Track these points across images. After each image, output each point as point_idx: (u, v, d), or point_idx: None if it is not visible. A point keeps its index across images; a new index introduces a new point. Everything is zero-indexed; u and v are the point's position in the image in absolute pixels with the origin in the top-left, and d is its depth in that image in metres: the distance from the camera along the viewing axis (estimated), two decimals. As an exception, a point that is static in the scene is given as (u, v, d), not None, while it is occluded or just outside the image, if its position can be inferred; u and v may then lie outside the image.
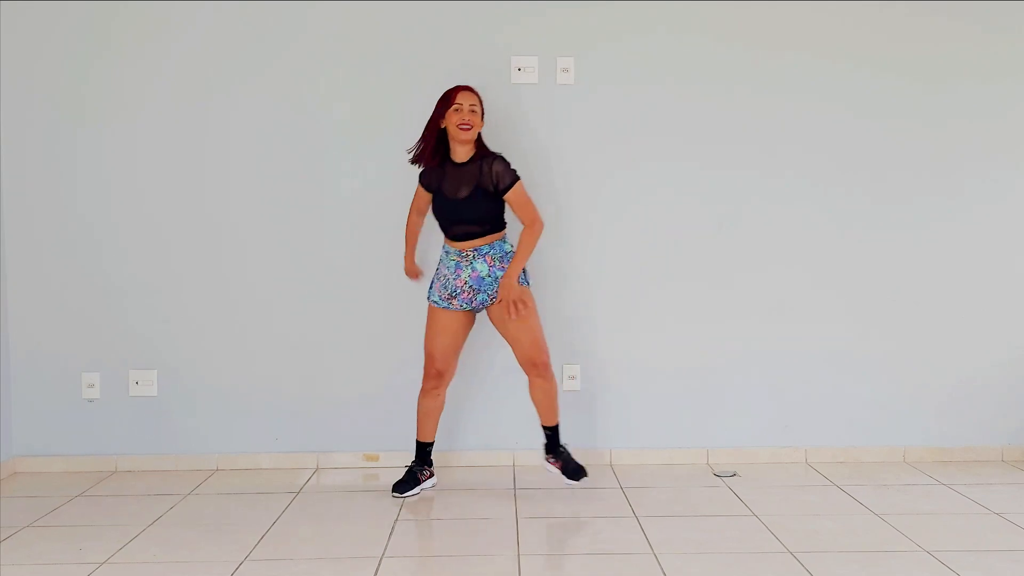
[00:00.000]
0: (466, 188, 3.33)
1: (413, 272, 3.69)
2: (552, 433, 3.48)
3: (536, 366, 3.39)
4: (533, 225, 3.36)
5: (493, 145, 3.51)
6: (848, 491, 3.49)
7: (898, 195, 3.89)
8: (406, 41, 3.79)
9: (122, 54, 3.77)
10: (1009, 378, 3.93)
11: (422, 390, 3.48)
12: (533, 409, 3.74)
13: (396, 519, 3.20)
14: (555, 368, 3.85)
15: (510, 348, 3.44)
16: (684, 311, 3.88)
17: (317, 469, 3.85)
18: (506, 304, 3.30)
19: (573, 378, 3.88)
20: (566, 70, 3.81)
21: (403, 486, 3.45)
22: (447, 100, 3.35)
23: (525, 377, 3.44)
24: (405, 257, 3.67)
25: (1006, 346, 3.93)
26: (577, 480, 3.42)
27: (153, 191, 3.81)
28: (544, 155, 3.82)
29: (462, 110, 3.32)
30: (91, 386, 3.83)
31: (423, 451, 3.53)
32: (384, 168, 3.77)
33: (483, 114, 3.40)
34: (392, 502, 3.38)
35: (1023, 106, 3.89)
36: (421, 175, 3.48)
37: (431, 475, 3.55)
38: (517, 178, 3.35)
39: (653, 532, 3.02)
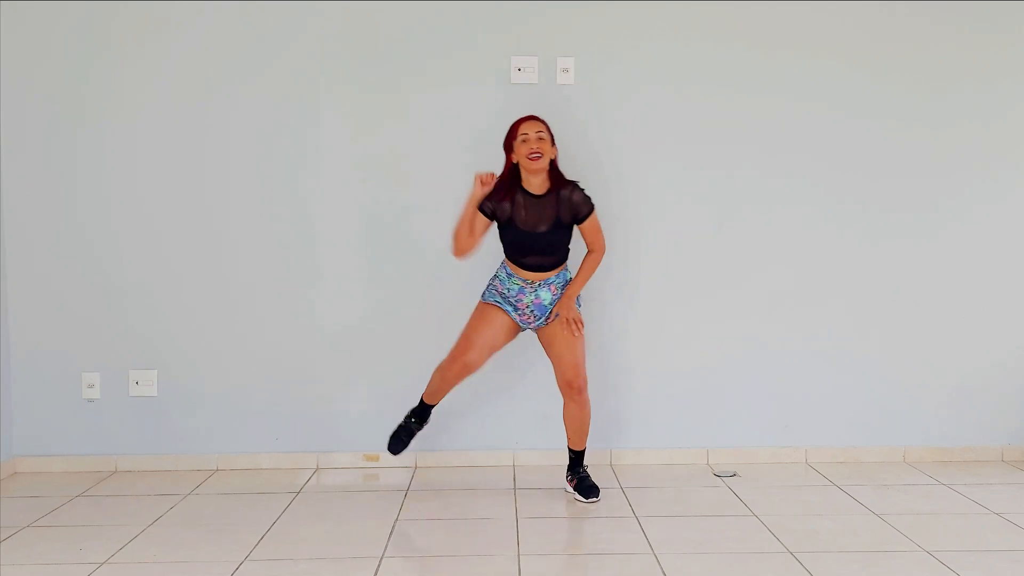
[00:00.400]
0: (545, 223, 3.27)
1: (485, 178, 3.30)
2: (575, 457, 3.47)
3: (572, 388, 3.34)
4: (600, 251, 3.35)
5: (492, 145, 3.51)
6: (848, 491, 3.49)
7: (898, 195, 3.89)
8: (406, 41, 3.79)
9: (122, 54, 3.77)
10: (1009, 378, 3.94)
11: (443, 368, 3.33)
12: (533, 409, 3.75)
13: (396, 519, 3.20)
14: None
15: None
16: (684, 311, 3.88)
17: (317, 469, 3.85)
18: (566, 322, 3.27)
19: (573, 378, 3.88)
20: (566, 70, 3.81)
21: (398, 443, 3.41)
22: (513, 133, 3.28)
23: (525, 375, 3.44)
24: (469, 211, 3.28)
25: (1006, 346, 3.94)
26: (587, 498, 3.38)
27: (153, 191, 3.81)
28: (544, 155, 3.82)
29: (529, 140, 3.24)
30: (91, 386, 3.83)
31: (426, 410, 3.46)
32: (385, 168, 3.77)
33: (553, 140, 3.32)
34: (392, 502, 3.38)
35: (1023, 107, 3.89)
36: (485, 202, 3.28)
37: (425, 427, 3.49)
38: (593, 207, 3.31)
39: (653, 532, 3.02)
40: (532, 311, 3.33)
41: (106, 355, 3.83)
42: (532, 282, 3.32)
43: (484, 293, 3.40)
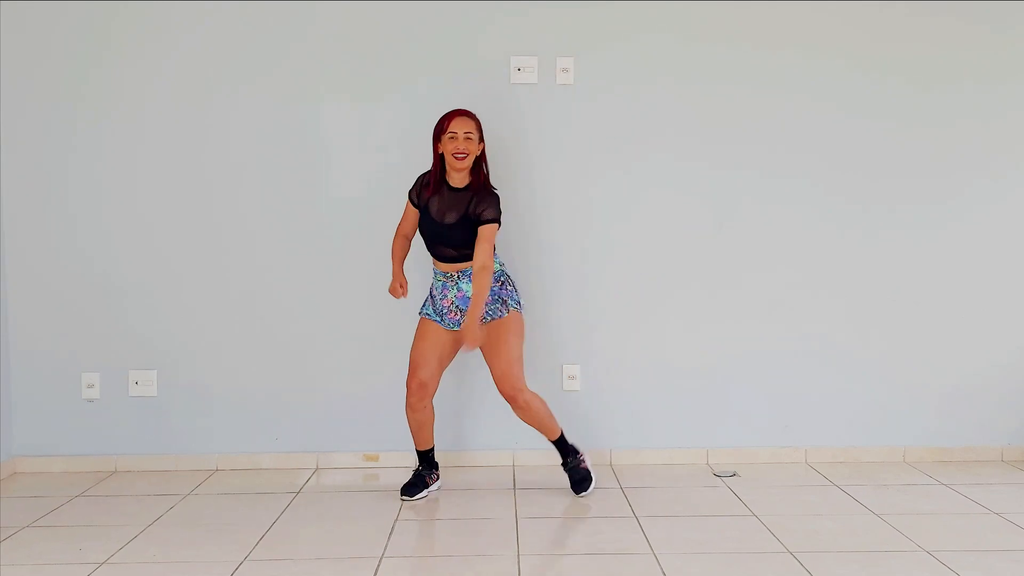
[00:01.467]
0: (453, 214, 3.30)
1: (397, 289, 3.48)
2: (557, 446, 3.48)
3: (505, 396, 3.35)
4: (486, 267, 3.25)
5: (493, 145, 3.52)
6: (848, 491, 3.49)
7: (898, 195, 3.89)
8: (406, 41, 3.79)
9: (121, 55, 3.77)
10: (1009, 378, 3.93)
11: (408, 405, 3.40)
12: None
13: (396, 519, 3.20)
14: (554, 368, 3.87)
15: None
16: (684, 311, 3.88)
17: (317, 469, 3.85)
18: (467, 347, 3.24)
19: (573, 378, 3.88)
20: (566, 70, 3.80)
21: (412, 489, 3.44)
22: (443, 127, 3.30)
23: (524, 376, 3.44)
24: (393, 274, 3.50)
25: (1006, 346, 3.93)
26: (577, 493, 3.41)
27: (152, 192, 3.81)
28: (544, 155, 3.82)
29: (457, 139, 3.26)
30: (91, 386, 3.83)
31: (426, 457, 3.52)
32: (384, 168, 3.77)
33: (481, 138, 3.34)
34: (392, 502, 3.38)
35: (1023, 107, 3.89)
36: (410, 190, 3.43)
37: (438, 478, 3.55)
38: (498, 221, 3.30)
39: (653, 532, 3.02)
40: (458, 305, 3.34)
41: (106, 355, 3.83)
42: (451, 274, 3.35)
43: (423, 304, 3.47)
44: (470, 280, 3.32)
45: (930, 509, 3.28)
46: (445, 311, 3.37)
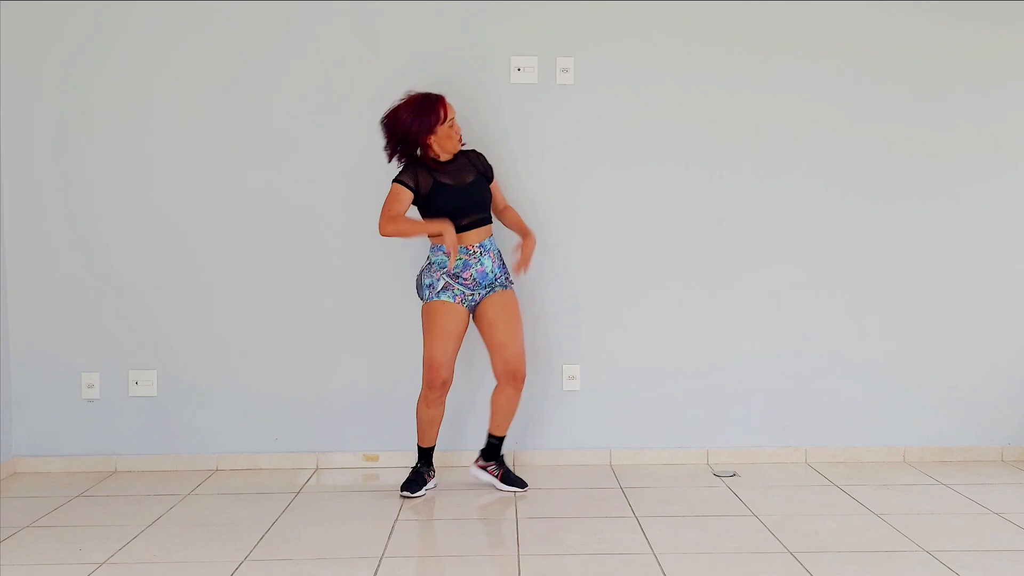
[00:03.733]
0: (468, 175, 3.38)
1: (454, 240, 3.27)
2: (497, 443, 3.51)
3: (516, 377, 3.38)
4: (510, 207, 3.57)
5: (493, 144, 3.52)
6: (848, 491, 3.49)
7: (897, 195, 3.89)
8: (406, 41, 3.79)
9: (127, 57, 3.76)
10: (1009, 378, 3.93)
11: (424, 400, 3.40)
12: (533, 409, 3.74)
13: (396, 519, 3.20)
14: (555, 368, 3.87)
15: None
16: (684, 311, 3.88)
17: (317, 469, 3.85)
18: (526, 260, 3.41)
19: (573, 378, 3.88)
20: (566, 70, 3.80)
21: (412, 485, 3.44)
22: (441, 117, 3.28)
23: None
24: (441, 232, 3.25)
25: (1005, 346, 3.93)
26: (522, 488, 3.45)
27: (153, 192, 3.81)
28: (544, 155, 3.82)
29: (454, 124, 3.35)
30: (91, 386, 3.83)
31: (428, 455, 3.53)
32: (385, 168, 3.76)
33: None
34: (392, 502, 3.38)
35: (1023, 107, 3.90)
36: (403, 178, 3.33)
37: (434, 476, 3.56)
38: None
39: (653, 532, 3.02)
40: (476, 279, 3.36)
41: (106, 355, 3.83)
42: (472, 251, 3.36)
43: (421, 292, 3.42)
44: (489, 256, 3.38)
45: (930, 509, 3.28)
46: (460, 284, 3.36)
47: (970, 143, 3.88)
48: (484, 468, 3.52)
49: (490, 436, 3.51)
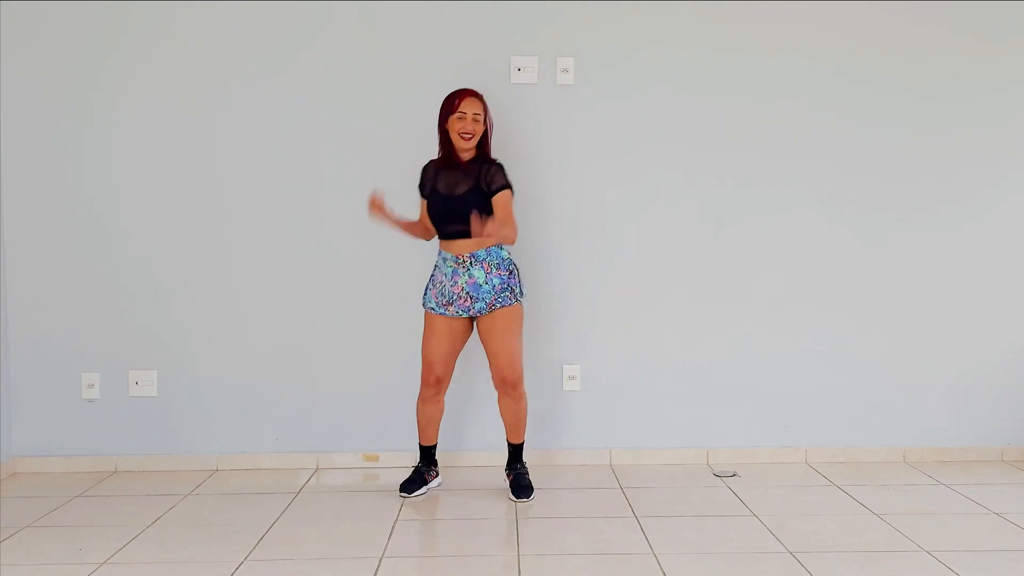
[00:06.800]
0: (464, 185, 3.33)
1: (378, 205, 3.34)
2: (514, 450, 3.51)
3: (506, 383, 3.39)
4: (507, 224, 3.24)
5: (495, 145, 3.51)
6: (848, 491, 3.49)
7: (897, 197, 3.89)
8: (406, 41, 3.79)
9: (128, 54, 3.76)
10: (1009, 378, 3.94)
11: (421, 397, 3.46)
12: (533, 409, 3.74)
13: (396, 519, 3.20)
14: (555, 368, 3.87)
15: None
16: (684, 311, 3.88)
17: (317, 469, 3.85)
18: (477, 226, 3.10)
19: (573, 378, 3.88)
20: (566, 70, 3.81)
21: (411, 485, 3.45)
22: (452, 107, 3.33)
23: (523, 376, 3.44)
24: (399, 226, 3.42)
25: (1005, 346, 3.93)
26: (517, 498, 3.39)
27: (153, 191, 3.81)
28: (544, 155, 3.82)
29: (466, 119, 3.32)
30: (91, 386, 3.83)
31: (428, 453, 3.54)
32: (385, 168, 3.77)
33: (487, 119, 3.37)
34: (392, 502, 3.38)
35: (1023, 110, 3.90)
36: (419, 186, 3.47)
37: (437, 475, 3.56)
38: (510, 186, 3.33)
39: (653, 532, 3.02)
40: (469, 292, 3.33)
41: (106, 355, 3.83)
42: (462, 259, 3.33)
43: (424, 294, 3.47)
44: (482, 267, 3.33)
45: (930, 509, 3.28)
46: (455, 297, 3.35)
47: (969, 145, 3.88)
48: (507, 477, 3.53)
49: (508, 444, 3.52)
